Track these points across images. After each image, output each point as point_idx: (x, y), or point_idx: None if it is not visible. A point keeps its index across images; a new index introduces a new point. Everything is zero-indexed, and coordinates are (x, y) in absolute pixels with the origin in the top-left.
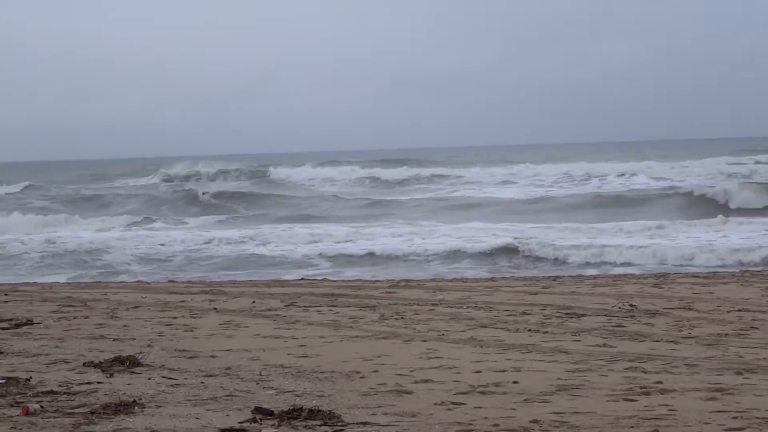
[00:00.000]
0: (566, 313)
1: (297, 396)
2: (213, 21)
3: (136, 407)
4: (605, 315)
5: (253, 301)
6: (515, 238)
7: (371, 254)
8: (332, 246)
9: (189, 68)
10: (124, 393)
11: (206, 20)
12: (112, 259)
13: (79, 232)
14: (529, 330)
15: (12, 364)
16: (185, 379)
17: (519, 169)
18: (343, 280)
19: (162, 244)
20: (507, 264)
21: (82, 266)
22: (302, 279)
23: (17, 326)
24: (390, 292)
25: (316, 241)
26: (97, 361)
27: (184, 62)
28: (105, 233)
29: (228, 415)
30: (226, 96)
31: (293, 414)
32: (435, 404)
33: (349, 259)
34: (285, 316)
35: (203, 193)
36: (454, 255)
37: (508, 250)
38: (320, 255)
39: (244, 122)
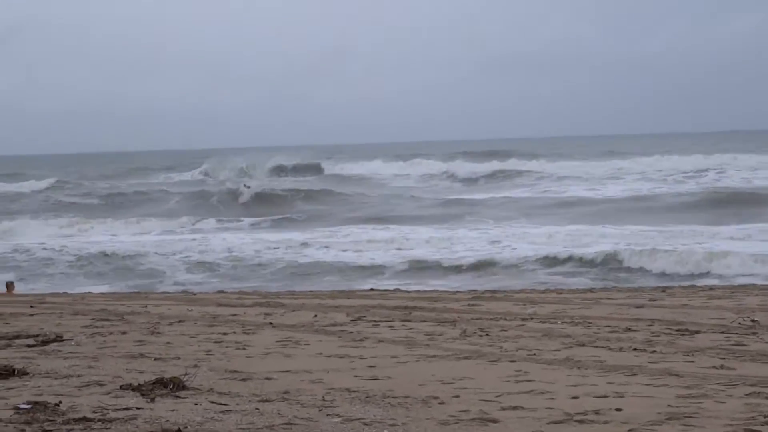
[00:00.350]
0: (677, 330)
1: (366, 425)
2: None
3: None
4: (722, 332)
5: (315, 315)
6: (618, 243)
7: (448, 260)
8: (406, 251)
9: (246, 52)
10: (167, 420)
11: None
12: (152, 267)
13: (114, 235)
14: (635, 349)
15: (39, 386)
16: (237, 404)
17: (625, 164)
18: (418, 291)
19: (208, 250)
20: (608, 272)
21: (119, 275)
22: (371, 289)
23: (45, 343)
24: (472, 305)
25: (387, 246)
26: (136, 384)
27: (239, 45)
28: (143, 237)
29: None
30: (288, 81)
31: None
32: None
33: (426, 266)
34: (352, 333)
35: (246, 186)
36: (547, 262)
37: (610, 257)
38: (392, 261)
39: (307, 110)
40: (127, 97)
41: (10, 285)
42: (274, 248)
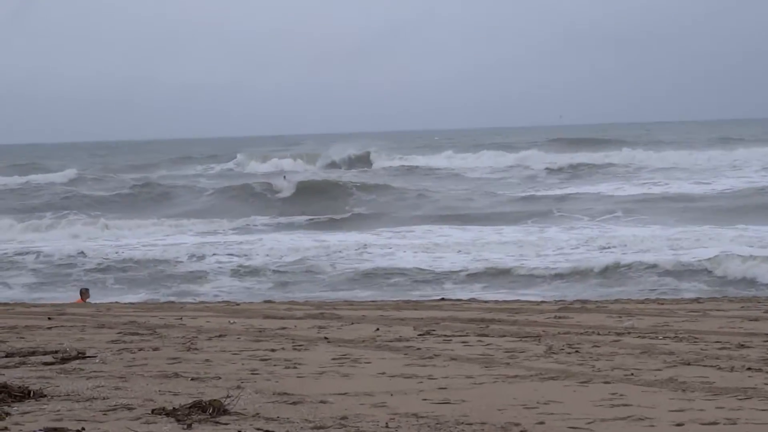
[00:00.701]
0: None
1: None
2: None
3: None
4: None
5: (377, 329)
6: (730, 246)
7: (533, 265)
8: (482, 254)
9: (288, 33)
10: None
11: None
12: (188, 273)
13: (144, 237)
14: (748, 368)
15: (58, 411)
16: (287, 431)
17: (739, 153)
18: (496, 301)
19: (250, 253)
20: (718, 281)
21: (149, 282)
22: (442, 299)
23: (65, 361)
24: (560, 317)
25: (460, 248)
26: (170, 408)
27: (281, 27)
28: (178, 238)
29: None
30: (338, 61)
31: None
32: None
33: (505, 272)
34: (420, 349)
35: (285, 178)
36: (645, 267)
37: (720, 262)
38: (466, 266)
39: (359, 94)
40: (156, 81)
41: (84, 292)
42: (330, 252)
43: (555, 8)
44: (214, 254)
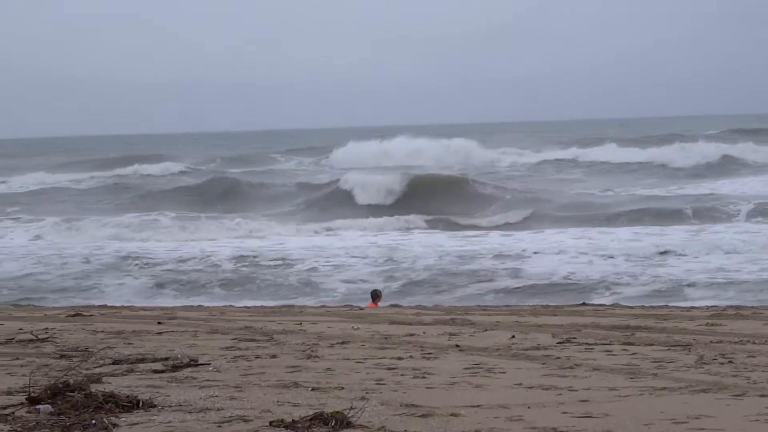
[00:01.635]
0: None
1: None
2: None
3: None
4: None
5: (513, 336)
6: None
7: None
8: (621, 257)
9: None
10: None
11: None
12: (304, 275)
13: (252, 237)
14: None
15: (169, 422)
16: None
17: None
18: (642, 307)
19: (365, 256)
20: None
21: (262, 285)
22: (582, 304)
23: (176, 368)
24: (712, 324)
25: (596, 251)
26: (289, 420)
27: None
28: (295, 238)
29: None
30: (471, 46)
31: None
32: None
33: (650, 276)
34: (559, 358)
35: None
36: None
37: None
38: (605, 270)
39: (492, 80)
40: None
41: (377, 294)
42: (462, 254)
43: None
44: (334, 255)
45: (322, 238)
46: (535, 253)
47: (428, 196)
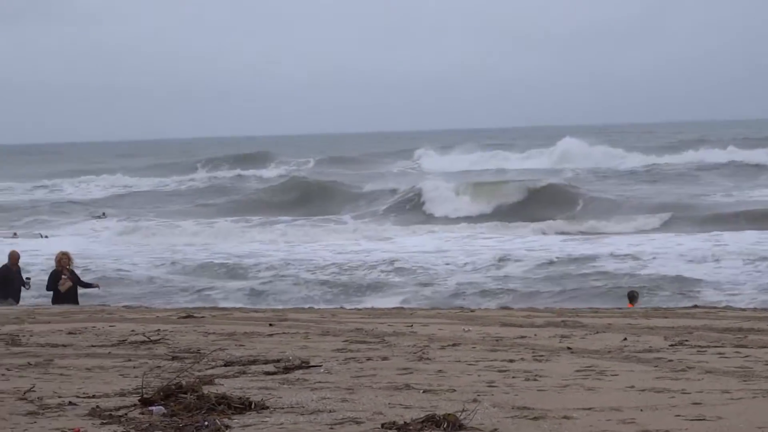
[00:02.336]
0: None
1: None
2: None
3: None
4: None
5: (625, 338)
6: None
7: None
8: (738, 260)
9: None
10: None
11: None
12: (406, 276)
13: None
14: None
15: (281, 424)
16: None
17: None
18: (754, 309)
19: (467, 259)
20: None
21: (364, 287)
22: (695, 306)
23: (288, 370)
24: None
25: (725, 254)
26: (400, 422)
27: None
28: (411, 239)
29: None
30: (584, 43)
31: None
32: None
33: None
34: (671, 360)
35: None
36: None
37: None
38: (723, 272)
39: (608, 79)
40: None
41: (634, 295)
42: (583, 258)
43: None
44: (443, 257)
45: (438, 242)
46: (654, 258)
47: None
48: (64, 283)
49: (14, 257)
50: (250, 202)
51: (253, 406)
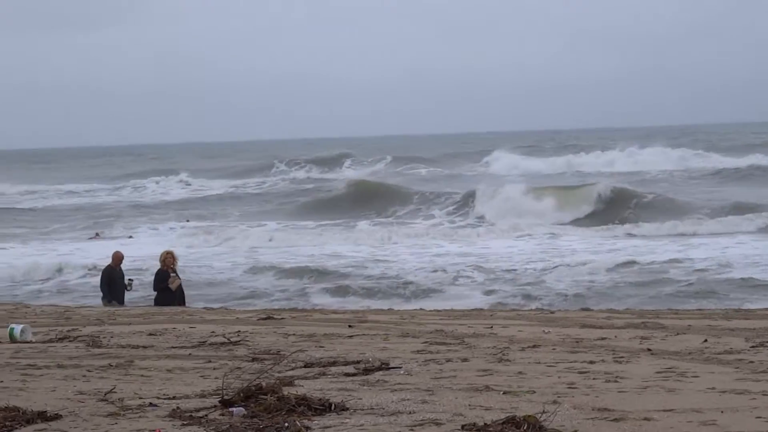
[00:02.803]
0: None
1: None
2: None
3: None
4: None
5: (705, 340)
6: None
7: None
8: None
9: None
10: None
11: None
12: (486, 277)
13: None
14: None
15: (362, 425)
16: None
17: None
18: None
19: (546, 261)
20: None
21: (444, 288)
22: None
23: (367, 372)
24: None
25: None
26: (481, 424)
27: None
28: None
29: None
30: (667, 43)
31: None
32: None
33: None
34: (752, 362)
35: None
36: None
37: None
38: None
39: (689, 80)
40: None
41: None
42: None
43: None
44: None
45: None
46: (740, 260)
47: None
48: (174, 280)
49: (118, 258)
50: (329, 203)
51: (333, 407)
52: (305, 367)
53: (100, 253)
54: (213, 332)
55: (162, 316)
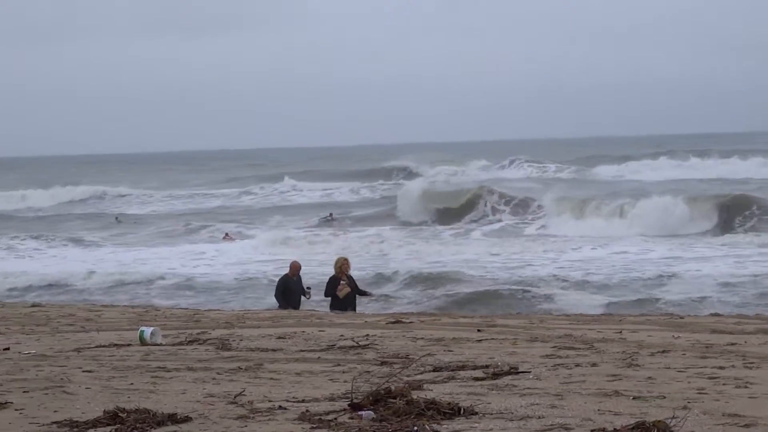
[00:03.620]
0: None
1: None
2: None
3: None
4: None
5: None
6: None
7: None
8: None
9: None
10: None
11: None
12: (619, 282)
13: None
14: None
15: (490, 429)
16: None
17: None
18: None
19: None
20: None
21: (575, 293)
22: None
23: (496, 376)
24: None
25: None
26: (610, 428)
27: None
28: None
29: None
30: None
31: None
32: None
33: None
34: None
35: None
36: None
37: None
38: None
39: None
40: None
41: None
42: None
43: None
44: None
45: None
46: None
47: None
48: (342, 288)
49: (295, 268)
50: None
51: (461, 411)
52: (434, 371)
53: (238, 256)
54: (342, 336)
55: (291, 319)
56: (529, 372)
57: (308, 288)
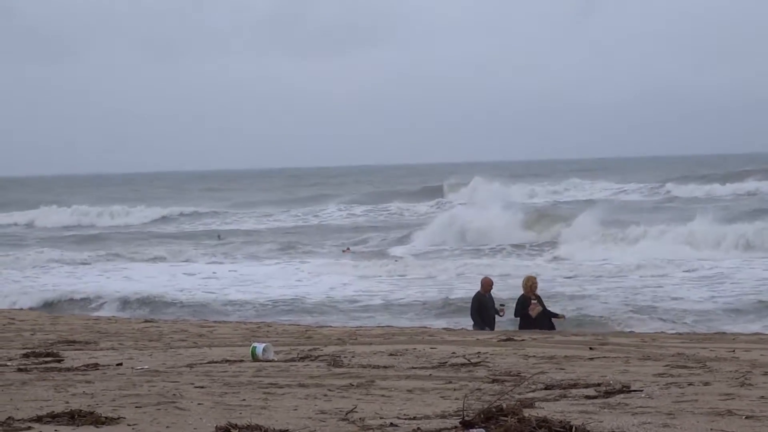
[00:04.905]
0: None
1: None
2: None
3: None
4: None
5: None
6: None
7: None
8: None
9: None
10: None
11: None
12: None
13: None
14: None
15: None
16: None
17: None
18: None
19: None
20: None
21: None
22: None
23: (608, 394)
24: None
25: None
26: None
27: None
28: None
29: None
30: None
31: None
32: None
33: None
34: None
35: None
36: None
37: None
38: None
39: None
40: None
41: None
42: None
43: None
44: None
45: None
46: None
47: None
48: (534, 308)
49: (487, 284)
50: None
51: (573, 429)
52: (546, 389)
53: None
54: (453, 353)
55: (402, 336)
56: (641, 390)
57: (502, 305)
